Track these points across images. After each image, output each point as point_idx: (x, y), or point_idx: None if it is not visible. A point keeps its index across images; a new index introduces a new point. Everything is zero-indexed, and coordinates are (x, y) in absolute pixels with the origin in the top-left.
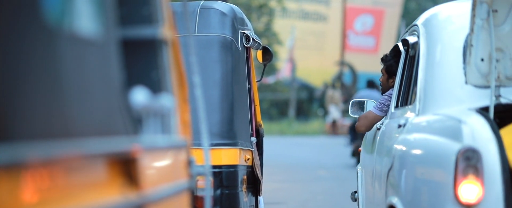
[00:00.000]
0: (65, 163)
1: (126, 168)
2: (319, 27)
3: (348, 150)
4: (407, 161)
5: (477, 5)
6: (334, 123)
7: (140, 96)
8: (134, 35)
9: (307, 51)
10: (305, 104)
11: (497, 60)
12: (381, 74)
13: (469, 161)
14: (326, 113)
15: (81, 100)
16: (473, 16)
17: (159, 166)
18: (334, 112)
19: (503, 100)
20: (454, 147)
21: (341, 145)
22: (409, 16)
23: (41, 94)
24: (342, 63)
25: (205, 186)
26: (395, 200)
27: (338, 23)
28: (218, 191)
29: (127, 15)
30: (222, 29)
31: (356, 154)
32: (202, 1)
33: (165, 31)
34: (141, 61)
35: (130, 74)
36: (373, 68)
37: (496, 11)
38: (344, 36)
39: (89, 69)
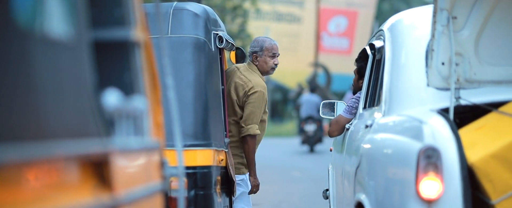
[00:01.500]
0: (37, 166)
1: (99, 170)
2: (293, 29)
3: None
4: (373, 160)
5: (438, 12)
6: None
7: (112, 98)
8: (106, 36)
9: (281, 53)
10: (280, 105)
11: (456, 64)
12: (354, 76)
13: (430, 159)
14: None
15: (52, 102)
16: (434, 22)
17: (131, 168)
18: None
19: (462, 102)
20: (416, 146)
21: (315, 146)
22: (382, 17)
23: (13, 96)
24: (316, 64)
25: (179, 187)
26: (362, 197)
27: (312, 25)
28: (192, 192)
29: (99, 17)
30: (195, 30)
31: (305, 141)
32: (175, 3)
33: (137, 32)
34: (113, 63)
35: (102, 76)
36: (347, 69)
37: (455, 17)
38: (318, 37)
39: (61, 71)
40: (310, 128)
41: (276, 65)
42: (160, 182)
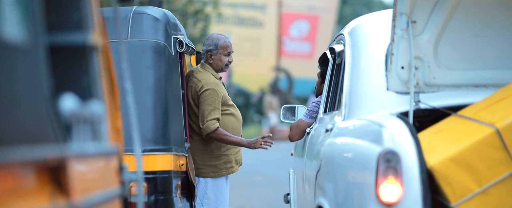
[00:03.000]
0: None
1: (55, 175)
2: (255, 33)
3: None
4: (333, 164)
5: (397, 16)
6: (272, 129)
7: (69, 102)
8: (64, 41)
9: (243, 57)
10: (242, 109)
11: (416, 68)
12: (317, 79)
13: (389, 163)
14: (262, 119)
15: (7, 107)
16: (393, 26)
17: (89, 173)
18: (273, 118)
19: (422, 105)
20: (375, 150)
21: (278, 151)
22: (344, 21)
23: None
24: (278, 68)
25: (138, 192)
26: (323, 201)
27: (273, 29)
28: (152, 197)
29: (56, 21)
30: (155, 35)
31: None
32: (135, 7)
33: (95, 37)
34: (70, 67)
35: (59, 80)
36: (309, 73)
37: (415, 21)
38: (279, 41)
39: (16, 76)
40: None
41: (230, 62)
42: (118, 187)
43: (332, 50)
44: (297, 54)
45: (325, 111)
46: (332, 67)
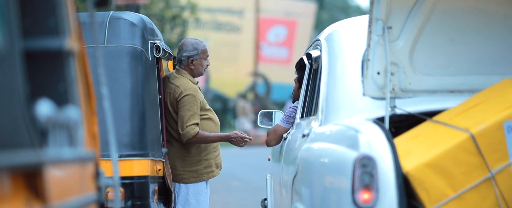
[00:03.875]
0: None
1: (31, 181)
2: (233, 38)
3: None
4: (310, 169)
5: (373, 22)
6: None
7: (45, 108)
8: (39, 46)
9: (221, 62)
10: (219, 114)
11: (392, 74)
12: (294, 84)
13: (365, 168)
14: (235, 123)
15: None
16: (369, 32)
17: (65, 179)
18: (245, 123)
19: (398, 111)
20: (352, 155)
21: (255, 156)
22: (321, 26)
23: None
24: (255, 74)
25: (115, 197)
26: (299, 206)
27: (251, 34)
28: (129, 203)
29: (32, 26)
30: (132, 40)
31: None
32: (112, 12)
33: (71, 42)
34: (46, 72)
35: (35, 85)
36: (287, 78)
37: (390, 27)
38: (257, 47)
39: None
40: None
41: (208, 65)
42: (95, 193)
43: (308, 55)
44: (275, 59)
45: (302, 116)
46: (309, 72)
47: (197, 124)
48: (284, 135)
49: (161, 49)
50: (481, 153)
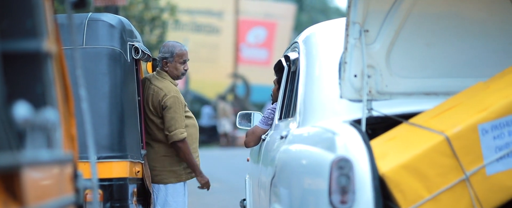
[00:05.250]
0: None
1: (8, 184)
2: (212, 40)
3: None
4: (288, 170)
5: (350, 25)
6: (225, 135)
7: (22, 110)
8: (17, 48)
9: (200, 64)
10: (199, 116)
11: (368, 76)
12: (274, 86)
13: (342, 170)
14: (216, 125)
15: None
16: (346, 35)
17: (43, 181)
18: (226, 125)
19: (374, 113)
20: (329, 157)
21: (235, 157)
22: (301, 28)
23: None
24: (235, 75)
25: (93, 199)
26: (278, 207)
27: (230, 36)
28: (108, 204)
29: (9, 28)
30: (110, 41)
31: None
32: (90, 13)
33: (49, 43)
34: (24, 74)
35: (12, 87)
36: (266, 80)
37: (367, 31)
38: (237, 48)
39: None
40: None
41: (186, 70)
42: (73, 195)
43: (287, 57)
44: (254, 60)
45: (280, 118)
46: (287, 74)
47: (184, 128)
48: (263, 136)
49: (140, 50)
50: (456, 155)
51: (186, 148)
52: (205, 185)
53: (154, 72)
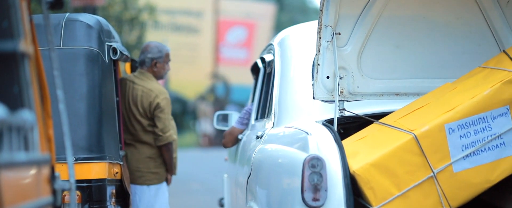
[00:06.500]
0: None
1: None
2: (192, 40)
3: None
4: (263, 169)
5: (323, 28)
6: (205, 136)
7: None
8: None
9: (180, 64)
10: (178, 117)
11: (340, 78)
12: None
13: (314, 168)
14: (196, 125)
15: None
16: (319, 38)
17: (19, 183)
18: (207, 126)
19: (346, 113)
20: (302, 156)
21: (215, 158)
22: (281, 28)
23: None
24: (215, 75)
25: (70, 201)
26: (253, 205)
27: (210, 36)
28: (86, 206)
29: None
30: (88, 42)
31: None
32: (67, 14)
33: (25, 44)
34: (0, 75)
35: None
36: (246, 80)
37: (339, 33)
38: (216, 48)
39: None
40: None
41: (168, 70)
42: (51, 197)
43: (262, 59)
44: (234, 61)
45: (256, 118)
46: (262, 76)
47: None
48: (240, 136)
49: (118, 51)
50: (424, 154)
51: (172, 150)
52: (170, 180)
53: (135, 73)
